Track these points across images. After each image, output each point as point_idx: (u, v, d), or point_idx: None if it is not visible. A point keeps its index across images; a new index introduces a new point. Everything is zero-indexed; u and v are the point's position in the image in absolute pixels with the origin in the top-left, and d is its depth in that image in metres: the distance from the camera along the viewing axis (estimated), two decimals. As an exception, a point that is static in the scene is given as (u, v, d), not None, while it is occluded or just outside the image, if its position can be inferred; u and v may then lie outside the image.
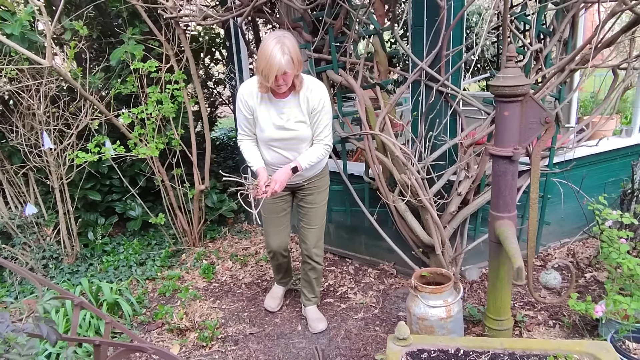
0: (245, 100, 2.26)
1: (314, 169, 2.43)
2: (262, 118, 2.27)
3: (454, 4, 2.44)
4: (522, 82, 1.90)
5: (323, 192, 2.54)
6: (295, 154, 2.33)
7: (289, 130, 2.27)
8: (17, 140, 3.19)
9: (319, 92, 2.23)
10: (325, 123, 2.29)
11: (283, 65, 2.00)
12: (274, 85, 2.09)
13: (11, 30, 2.71)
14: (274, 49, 1.99)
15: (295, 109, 2.24)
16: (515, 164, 2.04)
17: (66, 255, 3.46)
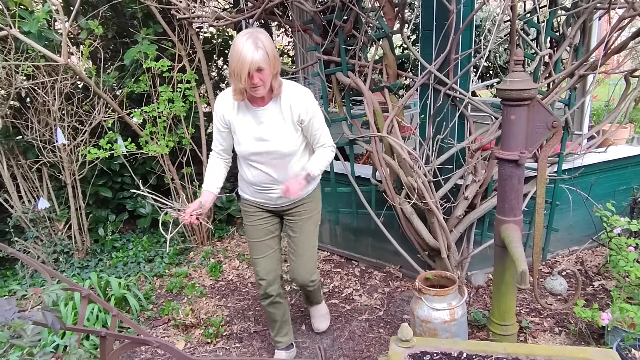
0: (222, 114, 2.03)
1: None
2: (240, 130, 2.03)
3: (464, 9, 2.45)
4: (529, 86, 1.90)
5: (312, 217, 2.25)
6: (280, 172, 2.08)
7: (268, 142, 2.01)
8: (32, 136, 3.26)
9: (304, 98, 2.01)
10: (320, 127, 2.09)
11: (257, 59, 1.77)
12: (249, 86, 1.84)
13: (29, 28, 2.78)
14: (245, 43, 1.78)
15: (275, 117, 2.00)
16: (521, 168, 2.04)
17: (77, 250, 3.52)
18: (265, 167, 2.07)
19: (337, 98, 3.00)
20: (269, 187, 2.12)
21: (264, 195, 2.16)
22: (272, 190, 2.13)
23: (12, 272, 3.51)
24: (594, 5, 2.51)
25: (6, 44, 2.81)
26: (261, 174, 2.09)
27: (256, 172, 2.09)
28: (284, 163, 2.07)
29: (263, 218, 2.24)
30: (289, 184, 1.99)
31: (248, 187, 2.18)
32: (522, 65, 1.95)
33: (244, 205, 2.25)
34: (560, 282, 2.18)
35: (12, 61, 2.80)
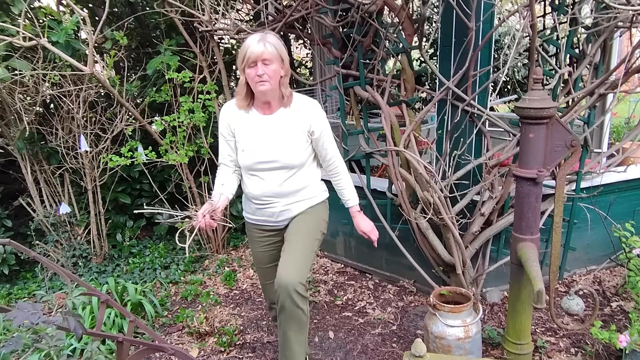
0: (227, 122, 1.97)
1: (305, 202, 2.06)
2: (244, 137, 1.95)
3: (483, 26, 2.46)
4: (548, 105, 1.90)
5: (311, 220, 2.07)
6: (286, 185, 1.97)
7: (275, 151, 1.92)
8: (56, 142, 3.35)
9: (315, 109, 1.97)
10: (330, 140, 2.04)
11: (262, 50, 1.75)
12: (253, 79, 1.78)
13: (57, 38, 2.87)
14: (254, 37, 1.79)
15: (285, 125, 1.93)
16: (539, 186, 2.03)
17: (95, 254, 3.58)
18: (269, 179, 1.97)
19: (354, 111, 3.02)
20: (270, 200, 2.01)
21: (265, 211, 2.04)
22: (273, 205, 2.02)
23: (32, 275, 3.59)
24: (614, 24, 2.51)
25: (35, 53, 2.90)
26: (263, 185, 1.98)
27: (259, 183, 1.98)
28: (289, 176, 1.98)
29: (269, 244, 2.14)
30: (367, 230, 2.17)
31: (250, 204, 2.08)
32: (541, 83, 1.95)
33: (249, 229, 2.18)
34: (577, 302, 2.15)
35: (40, 70, 2.88)
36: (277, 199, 2.01)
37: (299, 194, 2.04)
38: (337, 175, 2.14)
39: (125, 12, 3.90)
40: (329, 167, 2.11)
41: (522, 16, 2.26)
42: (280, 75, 1.84)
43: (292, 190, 2.01)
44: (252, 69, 1.78)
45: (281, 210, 2.02)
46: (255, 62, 1.77)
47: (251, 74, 1.80)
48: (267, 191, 1.99)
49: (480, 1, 2.40)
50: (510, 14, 2.38)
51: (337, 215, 3.35)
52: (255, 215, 2.09)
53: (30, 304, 1.20)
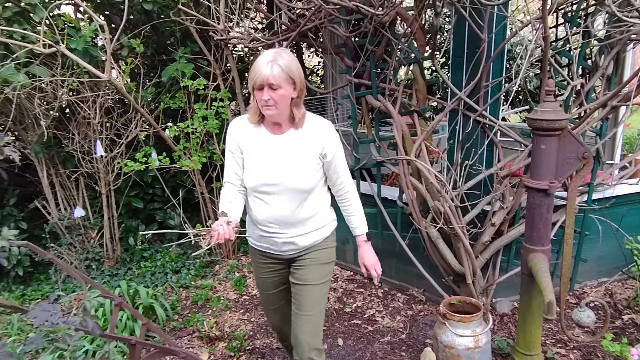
0: (236, 137, 1.84)
1: (312, 235, 1.91)
2: (252, 155, 1.82)
3: (495, 37, 2.48)
4: (560, 117, 1.91)
5: (321, 267, 1.94)
6: (293, 209, 1.83)
7: (284, 173, 1.79)
8: (72, 147, 3.41)
9: (328, 131, 1.84)
10: (343, 164, 1.91)
11: (269, 75, 1.63)
12: (259, 101, 1.70)
13: (75, 45, 2.94)
14: (264, 58, 1.67)
15: (295, 146, 1.80)
16: (550, 197, 2.03)
17: (107, 258, 3.63)
18: (274, 204, 1.82)
19: (366, 120, 3.05)
20: (274, 228, 1.87)
21: (268, 239, 1.91)
22: (277, 235, 1.88)
23: (46, 277, 3.65)
24: (628, 36, 2.51)
25: (54, 59, 2.97)
26: (268, 210, 1.83)
27: (263, 207, 1.84)
28: (296, 201, 1.83)
29: (273, 271, 2.01)
30: (370, 264, 2.00)
31: (254, 228, 1.95)
32: (553, 95, 1.96)
33: (253, 254, 2.06)
34: (588, 314, 2.15)
35: (59, 76, 2.95)
36: (283, 228, 1.86)
37: (307, 223, 1.89)
38: (347, 200, 1.99)
39: (141, 19, 3.96)
40: (338, 191, 1.97)
41: (535, 28, 2.27)
42: (292, 97, 1.72)
43: (299, 219, 1.86)
44: (259, 92, 1.69)
45: (285, 242, 1.88)
46: (261, 87, 1.66)
47: (257, 96, 1.71)
48: (272, 217, 1.84)
49: (493, 13, 2.43)
50: (523, 26, 2.40)
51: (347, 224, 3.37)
52: (260, 242, 1.96)
53: (50, 304, 1.24)
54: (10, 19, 2.83)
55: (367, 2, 2.57)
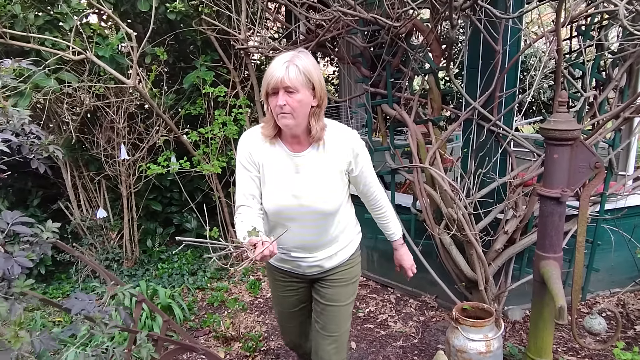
0: (249, 152, 1.62)
1: (340, 254, 1.77)
2: (272, 177, 1.62)
3: (510, 49, 2.55)
4: (572, 127, 1.96)
5: (349, 285, 1.84)
6: (319, 233, 1.68)
7: (306, 197, 1.61)
8: (96, 150, 3.53)
9: (354, 141, 1.65)
10: (372, 174, 1.76)
11: (283, 76, 1.44)
12: (274, 108, 1.50)
13: (103, 53, 3.05)
14: (280, 58, 1.50)
15: (317, 166, 1.61)
16: (562, 205, 2.08)
17: (126, 258, 3.73)
18: (299, 229, 1.66)
19: (381, 128, 3.12)
20: (299, 254, 1.72)
21: (292, 263, 1.77)
22: (302, 259, 1.74)
23: (66, 276, 3.75)
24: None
25: (82, 66, 3.09)
26: (291, 236, 1.64)
27: (284, 231, 1.61)
28: (322, 224, 1.67)
29: (293, 289, 1.87)
30: (408, 265, 1.94)
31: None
32: (566, 106, 2.02)
33: (271, 271, 1.89)
34: (600, 321, 2.17)
35: (86, 82, 3.07)
36: (309, 253, 1.71)
37: (335, 243, 1.75)
38: (381, 209, 1.86)
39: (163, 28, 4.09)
40: (371, 202, 1.84)
41: (549, 40, 2.33)
42: (311, 106, 1.52)
43: (326, 241, 1.71)
44: (274, 98, 1.49)
45: (311, 265, 1.74)
46: (276, 90, 1.47)
47: (272, 103, 1.50)
48: (295, 242, 1.69)
49: (508, 26, 2.49)
50: (536, 39, 2.46)
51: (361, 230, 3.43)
52: (281, 263, 1.81)
53: (87, 294, 1.32)
54: (41, 27, 2.96)
55: (384, 14, 2.65)
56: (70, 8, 2.95)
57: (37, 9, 3.01)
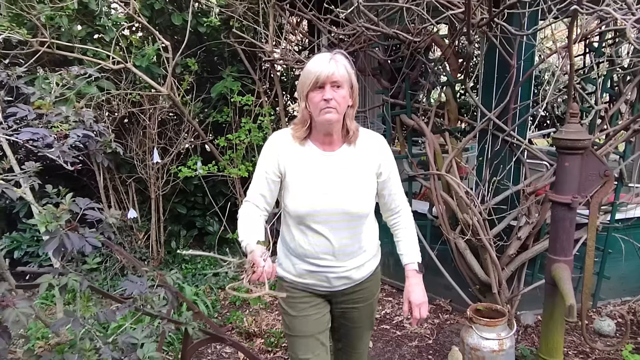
0: (277, 155, 1.57)
1: (367, 265, 1.69)
2: (299, 176, 1.56)
3: (524, 64, 2.68)
4: (582, 137, 2.08)
5: (372, 303, 1.77)
6: (351, 238, 1.60)
7: (340, 198, 1.55)
8: (128, 154, 3.73)
9: (384, 145, 1.65)
10: (399, 183, 1.70)
11: (335, 71, 1.44)
12: (319, 103, 1.46)
13: (140, 63, 3.26)
14: (320, 57, 1.49)
15: (351, 165, 1.58)
16: (573, 211, 2.20)
17: (152, 258, 3.90)
18: (330, 233, 1.57)
19: (399, 137, 3.27)
20: (328, 262, 1.60)
21: (318, 275, 1.63)
22: (331, 270, 1.62)
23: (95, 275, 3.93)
24: (650, 65, 2.68)
25: (120, 75, 3.30)
26: (321, 241, 1.57)
27: (315, 238, 1.57)
28: (354, 228, 1.60)
29: (314, 305, 1.68)
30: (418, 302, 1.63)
31: (296, 262, 1.64)
32: (577, 117, 2.15)
33: (287, 291, 1.68)
34: (609, 323, 2.28)
35: (123, 90, 3.28)
36: (339, 261, 1.61)
37: (364, 253, 1.66)
38: (400, 225, 1.73)
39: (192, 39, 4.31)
40: (393, 217, 1.74)
41: (561, 56, 2.47)
42: (348, 105, 1.53)
43: (356, 248, 1.62)
44: (318, 93, 1.46)
45: (339, 276, 1.63)
46: (323, 85, 1.45)
47: (315, 98, 1.47)
48: (326, 249, 1.58)
49: (522, 42, 2.63)
50: (549, 55, 2.60)
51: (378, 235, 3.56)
52: (302, 279, 1.66)
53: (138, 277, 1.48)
54: (84, 38, 3.18)
55: (405, 29, 2.81)
56: (110, 21, 3.17)
57: (81, 22, 3.23)
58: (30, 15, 2.74)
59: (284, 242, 1.69)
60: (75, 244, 1.17)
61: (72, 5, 2.87)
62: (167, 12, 3.65)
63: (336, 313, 1.75)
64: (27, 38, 2.62)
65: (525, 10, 2.45)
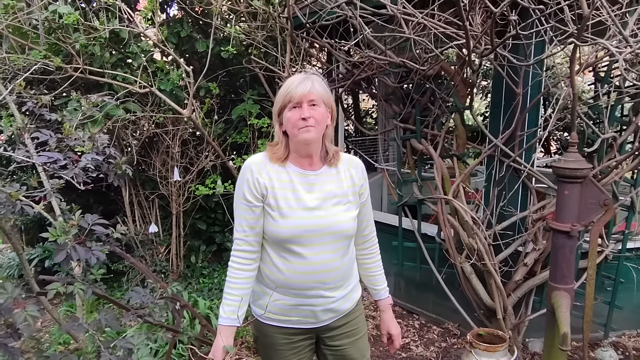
0: (255, 178, 1.48)
1: (352, 295, 1.64)
2: (281, 198, 1.48)
3: (531, 91, 2.73)
4: (581, 166, 2.12)
5: (363, 338, 1.70)
6: (338, 261, 1.53)
7: (327, 217, 1.50)
8: (152, 172, 3.94)
9: (362, 167, 1.63)
10: (370, 208, 1.70)
11: (312, 88, 1.42)
12: (297, 123, 1.42)
13: (164, 87, 3.48)
14: (296, 77, 1.48)
15: (333, 184, 1.53)
16: (573, 239, 2.21)
17: (172, 271, 4.07)
18: (315, 257, 1.49)
19: (410, 161, 3.34)
20: (316, 291, 1.52)
21: (304, 309, 1.54)
22: (319, 301, 1.54)
23: (118, 284, 4.13)
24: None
25: (146, 97, 3.52)
26: (306, 268, 1.49)
27: (299, 264, 1.49)
28: (340, 251, 1.54)
29: (297, 350, 1.61)
30: (395, 333, 1.72)
31: (277, 297, 1.52)
32: (575, 147, 2.18)
33: (266, 334, 1.61)
34: (611, 354, 2.25)
35: (148, 112, 3.50)
36: (328, 291, 1.53)
37: (350, 280, 1.62)
38: (373, 255, 1.74)
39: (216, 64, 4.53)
40: (366, 241, 1.71)
41: (566, 85, 2.51)
42: (327, 125, 1.50)
43: (343, 274, 1.57)
44: (295, 112, 1.42)
45: (327, 309, 1.55)
46: (299, 103, 1.41)
47: (293, 117, 1.42)
48: (311, 275, 1.50)
49: (529, 71, 2.68)
50: (554, 84, 2.64)
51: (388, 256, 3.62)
52: (285, 316, 1.55)
53: (142, 288, 1.61)
54: (114, 63, 3.43)
55: (413, 57, 2.91)
56: (139, 48, 3.40)
57: (112, 49, 3.48)
58: (66, 44, 2.99)
59: (262, 278, 1.56)
60: (82, 256, 1.31)
61: (104, 34, 3.11)
62: (193, 39, 3.88)
63: (328, 355, 1.65)
64: (60, 65, 2.86)
65: (531, 41, 2.52)
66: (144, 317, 1.55)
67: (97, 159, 1.37)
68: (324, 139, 1.52)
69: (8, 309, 1.14)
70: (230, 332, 1.52)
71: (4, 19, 2.68)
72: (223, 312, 1.53)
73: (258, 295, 1.61)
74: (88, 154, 1.38)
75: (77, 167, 1.32)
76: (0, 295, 1.13)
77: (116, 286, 4.12)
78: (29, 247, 4.62)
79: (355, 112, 6.62)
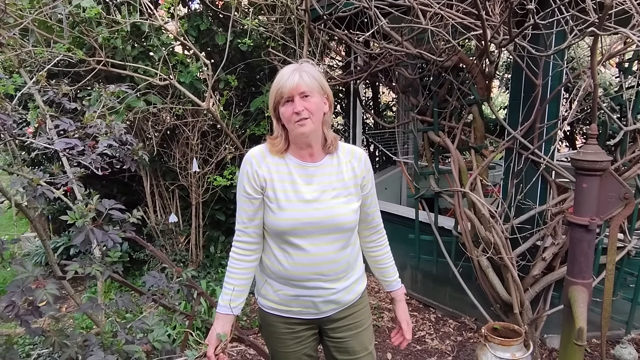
0: (255, 170, 1.49)
1: (355, 287, 1.64)
2: (281, 190, 1.49)
3: (551, 82, 2.68)
4: (601, 159, 2.07)
5: (368, 329, 1.69)
6: (338, 254, 1.53)
7: (325, 209, 1.49)
8: (172, 163, 4.01)
9: (365, 157, 1.61)
10: (376, 199, 1.68)
11: (299, 82, 1.40)
12: (291, 117, 1.42)
13: (184, 79, 3.53)
14: (286, 69, 1.46)
15: (333, 176, 1.53)
16: (591, 233, 2.17)
17: (191, 261, 4.15)
18: (315, 249, 1.50)
19: (427, 153, 3.32)
20: (316, 284, 1.53)
21: (304, 300, 1.56)
22: (319, 293, 1.55)
23: (139, 273, 4.23)
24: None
25: (166, 90, 3.59)
26: (306, 259, 1.50)
27: (299, 256, 1.50)
28: (341, 244, 1.54)
29: (302, 341, 1.63)
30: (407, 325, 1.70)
31: (278, 288, 1.56)
32: (595, 139, 2.13)
33: (269, 323, 1.63)
34: (630, 351, 2.21)
35: (168, 103, 3.56)
36: (328, 282, 1.54)
37: (351, 273, 1.61)
38: (381, 246, 1.73)
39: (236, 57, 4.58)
40: (373, 233, 1.71)
41: (587, 76, 2.46)
42: (324, 112, 1.48)
43: (345, 267, 1.57)
44: (288, 107, 1.42)
45: (327, 300, 1.55)
46: (291, 97, 1.41)
47: (287, 112, 1.42)
48: (311, 267, 1.51)
49: (549, 62, 2.63)
50: (575, 75, 2.58)
51: (405, 249, 3.61)
52: (286, 306, 1.58)
53: (157, 272, 1.65)
54: (136, 56, 3.50)
55: (431, 49, 2.89)
56: (160, 41, 3.46)
57: (134, 42, 3.55)
58: (89, 37, 3.07)
59: (264, 268, 1.60)
60: (99, 238, 1.36)
61: (126, 27, 3.18)
62: (213, 32, 3.93)
63: (330, 346, 1.65)
64: (83, 57, 2.93)
65: (551, 31, 2.46)
66: (159, 300, 1.59)
67: (113, 144, 1.41)
68: (323, 127, 1.51)
69: (29, 288, 1.19)
70: (227, 320, 1.55)
71: (30, 13, 2.76)
72: (222, 300, 1.57)
73: (261, 285, 1.65)
74: (105, 140, 1.42)
75: (94, 152, 1.36)
76: (21, 274, 1.18)
77: (137, 274, 4.22)
78: (55, 236, 4.77)
79: (375, 105, 6.59)
